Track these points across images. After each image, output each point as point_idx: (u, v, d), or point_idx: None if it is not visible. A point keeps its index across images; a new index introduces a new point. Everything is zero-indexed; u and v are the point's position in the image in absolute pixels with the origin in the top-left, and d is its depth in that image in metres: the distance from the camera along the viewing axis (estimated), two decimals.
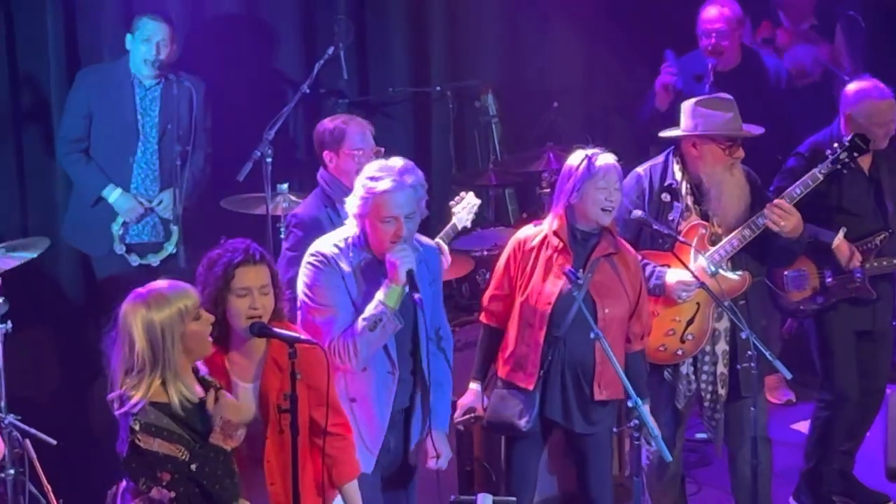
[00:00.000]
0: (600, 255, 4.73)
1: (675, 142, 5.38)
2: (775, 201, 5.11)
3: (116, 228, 6.18)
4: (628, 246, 4.96)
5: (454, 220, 5.35)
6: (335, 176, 5.11)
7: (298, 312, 4.45)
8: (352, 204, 4.30)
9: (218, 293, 3.86)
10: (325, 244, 4.38)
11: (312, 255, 4.36)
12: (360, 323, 4.20)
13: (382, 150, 5.31)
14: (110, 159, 6.23)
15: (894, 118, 5.50)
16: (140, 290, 3.74)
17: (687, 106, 5.24)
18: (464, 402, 4.96)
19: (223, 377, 3.97)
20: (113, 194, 6.24)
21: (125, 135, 6.19)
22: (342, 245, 4.34)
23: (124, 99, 6.16)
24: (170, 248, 6.19)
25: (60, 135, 6.32)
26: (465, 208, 5.40)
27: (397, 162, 4.33)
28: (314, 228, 4.83)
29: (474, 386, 4.98)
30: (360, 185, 4.27)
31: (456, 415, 4.89)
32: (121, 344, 3.64)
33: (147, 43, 5.92)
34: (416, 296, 4.27)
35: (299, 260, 4.46)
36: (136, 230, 6.26)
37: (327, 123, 5.29)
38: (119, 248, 6.18)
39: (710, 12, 6.39)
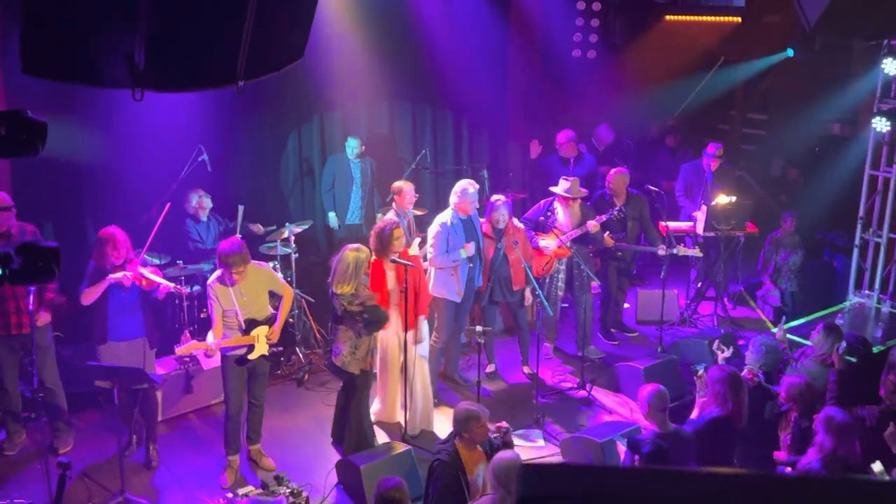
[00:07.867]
0: (505, 234, 7.91)
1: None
2: (588, 222, 8.42)
3: (332, 220, 10.15)
4: (521, 228, 8.12)
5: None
6: (400, 205, 8.62)
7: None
8: (453, 201, 7.72)
9: (384, 245, 6.94)
10: (441, 218, 7.74)
11: (439, 223, 7.71)
12: (454, 256, 7.69)
13: (416, 196, 8.80)
14: (344, 194, 10.26)
15: (625, 184, 9.08)
16: (351, 244, 6.52)
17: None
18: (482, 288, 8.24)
19: (384, 276, 6.98)
20: (330, 215, 10.19)
21: (349, 183, 10.19)
22: (446, 219, 7.73)
23: (347, 169, 10.09)
24: (366, 232, 9.34)
25: (322, 187, 10.33)
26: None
27: (469, 181, 7.80)
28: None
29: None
30: (457, 193, 7.71)
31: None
32: (340, 265, 6.37)
33: (353, 150, 10.11)
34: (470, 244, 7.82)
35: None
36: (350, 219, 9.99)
37: (397, 185, 8.69)
38: (334, 224, 10.04)
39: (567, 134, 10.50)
